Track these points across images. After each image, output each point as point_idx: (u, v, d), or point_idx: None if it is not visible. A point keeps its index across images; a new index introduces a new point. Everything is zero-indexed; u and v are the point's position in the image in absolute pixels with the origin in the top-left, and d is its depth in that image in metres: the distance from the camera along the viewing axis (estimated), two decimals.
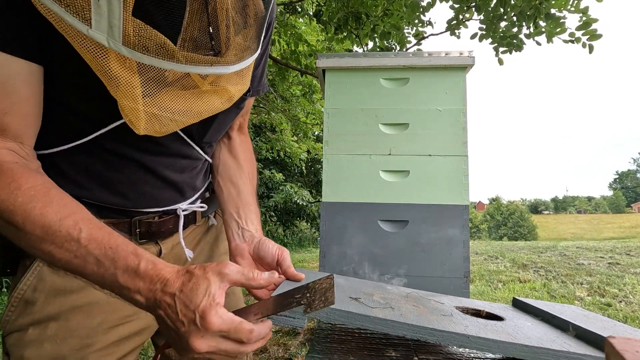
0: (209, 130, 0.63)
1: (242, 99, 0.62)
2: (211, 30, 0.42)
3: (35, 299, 0.54)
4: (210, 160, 0.72)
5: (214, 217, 0.78)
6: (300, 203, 8.97)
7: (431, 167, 1.64)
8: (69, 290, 0.56)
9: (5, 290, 3.27)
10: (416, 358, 0.62)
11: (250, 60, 0.50)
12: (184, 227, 0.67)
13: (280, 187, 9.28)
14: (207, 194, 0.77)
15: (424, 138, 1.66)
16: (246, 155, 0.76)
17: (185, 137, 0.62)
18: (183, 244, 0.66)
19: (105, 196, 0.58)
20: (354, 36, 3.61)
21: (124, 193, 0.59)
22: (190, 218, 0.70)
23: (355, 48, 4.56)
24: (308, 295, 0.49)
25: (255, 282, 0.48)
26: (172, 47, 0.40)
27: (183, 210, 0.66)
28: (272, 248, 0.67)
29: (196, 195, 0.71)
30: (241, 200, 0.70)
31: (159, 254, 0.64)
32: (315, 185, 10.88)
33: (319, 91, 6.38)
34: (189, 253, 0.67)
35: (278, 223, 9.80)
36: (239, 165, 0.74)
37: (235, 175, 0.72)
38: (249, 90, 0.62)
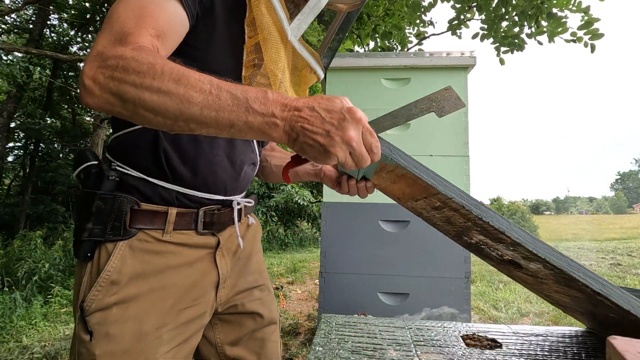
0: None
1: None
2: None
3: (120, 280, 0.60)
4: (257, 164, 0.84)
5: (252, 216, 0.86)
6: (302, 203, 8.97)
7: (432, 167, 1.63)
8: (147, 274, 0.62)
9: (6, 289, 3.34)
10: (417, 357, 0.62)
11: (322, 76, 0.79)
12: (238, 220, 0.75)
13: (281, 187, 9.28)
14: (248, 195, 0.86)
15: (425, 138, 1.66)
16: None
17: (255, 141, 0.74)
18: (238, 232, 0.73)
19: (187, 174, 0.66)
20: (355, 36, 3.61)
21: (202, 172, 0.68)
22: (239, 215, 0.77)
23: (356, 48, 4.55)
24: (434, 104, 0.57)
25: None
26: (315, 54, 0.74)
27: (237, 204, 0.74)
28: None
29: (245, 192, 0.79)
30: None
31: (218, 244, 0.71)
32: (316, 185, 10.87)
33: (320, 91, 6.37)
34: (241, 242, 0.75)
35: (279, 223, 9.80)
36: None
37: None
38: None
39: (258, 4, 0.61)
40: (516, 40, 3.02)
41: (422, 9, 3.36)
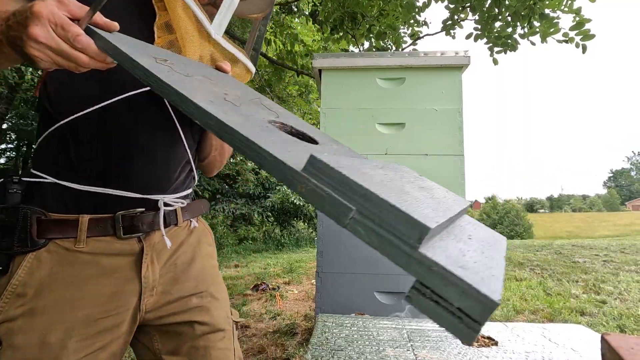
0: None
1: None
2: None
3: (25, 292, 0.60)
4: (193, 164, 0.80)
5: (197, 221, 0.82)
6: (298, 203, 8.96)
7: (428, 166, 1.64)
8: (55, 287, 0.61)
9: None
10: (413, 356, 0.63)
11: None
12: (165, 226, 0.71)
13: (277, 187, 9.28)
14: (189, 200, 0.82)
15: (420, 138, 1.67)
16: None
17: (179, 126, 0.71)
18: (163, 232, 0.70)
19: (101, 167, 0.65)
20: (350, 36, 3.61)
21: (117, 170, 0.66)
22: (172, 218, 0.74)
23: (351, 48, 4.56)
24: None
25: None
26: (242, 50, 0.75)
27: (164, 204, 0.71)
28: None
29: (177, 195, 0.75)
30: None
31: (141, 250, 0.68)
32: None
33: (315, 91, 6.38)
34: (168, 242, 0.71)
35: (275, 223, 9.79)
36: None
37: None
38: None
39: (175, 7, 0.64)
40: (509, 41, 3.05)
41: (417, 9, 3.38)
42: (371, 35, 3.50)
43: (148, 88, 0.64)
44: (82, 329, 0.62)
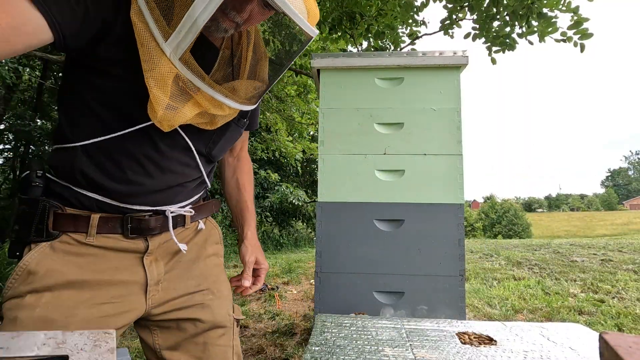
0: (216, 146, 0.78)
1: (242, 123, 0.81)
2: (229, 73, 0.70)
3: (37, 270, 0.63)
4: (207, 180, 0.83)
5: (204, 222, 0.86)
6: (296, 203, 8.96)
7: (426, 166, 1.64)
8: (65, 271, 0.65)
9: None
10: (412, 355, 0.63)
11: (249, 108, 0.71)
12: (174, 228, 0.74)
13: (276, 187, 9.27)
14: (200, 202, 0.85)
15: (419, 137, 1.67)
16: (249, 169, 1.01)
17: (195, 151, 0.74)
18: (175, 239, 0.73)
19: (112, 185, 0.67)
20: (349, 36, 3.61)
21: (125, 188, 0.68)
22: (179, 221, 0.77)
23: (349, 48, 4.56)
24: None
25: None
26: (203, 74, 0.61)
27: (171, 212, 0.74)
28: (243, 252, 0.90)
29: (186, 202, 0.78)
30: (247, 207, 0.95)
31: (146, 249, 0.71)
32: (310, 185, 10.88)
33: (314, 91, 6.38)
34: (182, 247, 0.74)
35: (274, 223, 9.78)
36: (245, 179, 0.98)
37: (243, 185, 0.97)
38: (248, 125, 0.86)
39: (132, 12, 0.57)
40: (507, 40, 3.05)
41: (415, 9, 3.38)
42: (369, 35, 3.50)
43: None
44: (86, 309, 0.64)
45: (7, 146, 9.02)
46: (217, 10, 0.55)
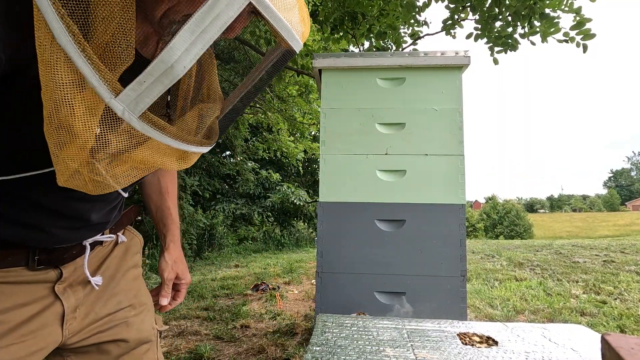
0: (133, 185, 0.66)
1: None
2: (195, 122, 0.50)
3: None
4: (125, 195, 0.72)
5: (123, 234, 0.79)
6: (297, 203, 8.96)
7: (427, 166, 1.64)
8: None
9: None
10: (413, 356, 0.62)
11: (208, 149, 0.54)
12: (91, 249, 0.67)
13: (277, 187, 9.27)
14: (118, 217, 0.77)
15: (420, 137, 1.67)
16: (173, 172, 0.91)
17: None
18: (87, 273, 0.66)
19: (20, 233, 0.57)
20: (350, 36, 3.61)
21: (33, 234, 0.58)
22: (97, 242, 0.70)
23: (351, 48, 4.56)
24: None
25: None
26: (171, 129, 0.44)
27: (89, 244, 0.67)
28: (162, 267, 0.85)
29: (105, 228, 0.71)
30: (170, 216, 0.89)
31: (60, 277, 0.63)
32: (312, 185, 10.88)
33: (315, 91, 6.38)
34: (95, 280, 0.67)
35: (275, 223, 9.79)
36: (168, 182, 0.89)
37: (165, 193, 0.89)
38: None
39: (42, 51, 0.36)
40: (510, 40, 3.04)
41: (417, 9, 3.37)
42: (371, 35, 3.50)
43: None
44: None
45: None
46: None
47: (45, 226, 0.58)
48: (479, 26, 3.11)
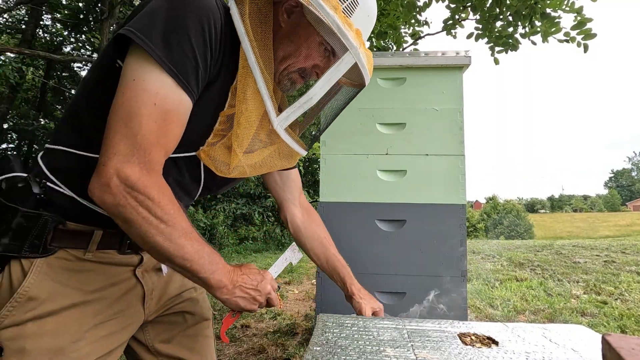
0: (223, 187, 0.83)
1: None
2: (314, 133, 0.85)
3: (38, 296, 0.60)
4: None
5: None
6: None
7: (428, 166, 1.64)
8: (66, 291, 0.62)
9: None
10: (413, 356, 0.62)
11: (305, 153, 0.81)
12: None
13: None
14: None
15: (421, 137, 1.67)
16: (320, 220, 1.07)
17: (202, 185, 0.77)
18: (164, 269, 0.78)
19: None
20: None
21: None
22: None
23: None
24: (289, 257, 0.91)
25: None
26: (298, 139, 0.74)
27: None
28: (358, 308, 0.94)
29: None
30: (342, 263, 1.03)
31: (140, 262, 0.73)
32: (312, 185, 10.87)
33: None
34: (164, 269, 0.78)
35: (276, 223, 9.79)
36: (322, 232, 1.05)
37: (328, 241, 1.05)
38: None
39: (244, 87, 0.64)
40: (510, 40, 3.04)
41: (417, 9, 3.37)
42: (372, 35, 3.49)
43: (193, 154, 0.71)
44: (92, 331, 0.64)
45: (11, 145, 9.07)
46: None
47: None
48: (480, 26, 3.11)
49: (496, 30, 3.07)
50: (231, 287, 0.68)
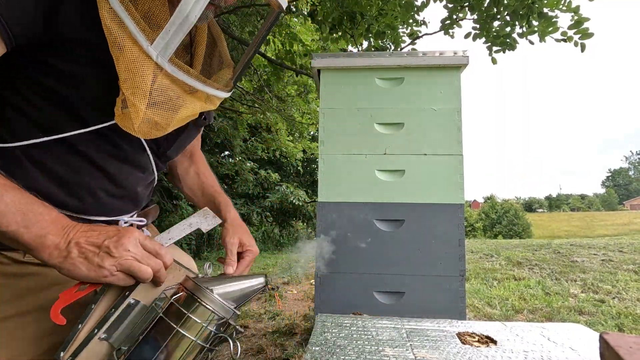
0: (172, 146, 0.73)
1: (201, 122, 0.76)
2: (214, 66, 0.70)
3: None
4: (156, 175, 0.79)
5: (148, 229, 0.81)
6: (296, 203, 8.96)
7: (426, 166, 1.64)
8: (3, 301, 0.57)
9: None
10: (412, 355, 0.63)
11: (228, 95, 0.68)
12: None
13: (276, 187, 9.27)
14: (145, 209, 0.81)
15: (419, 137, 1.67)
16: (205, 162, 0.97)
17: (149, 152, 0.69)
18: None
19: (62, 196, 0.60)
20: (349, 36, 3.61)
21: (81, 197, 0.62)
22: (130, 225, 0.72)
23: (350, 48, 4.56)
24: (197, 222, 0.69)
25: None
26: (193, 72, 0.58)
27: (125, 222, 0.69)
28: (223, 234, 0.80)
29: (137, 210, 0.75)
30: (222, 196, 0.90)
31: None
32: (311, 185, 10.88)
33: (314, 91, 6.38)
34: None
35: (274, 223, 9.78)
36: (202, 168, 0.94)
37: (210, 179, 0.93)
38: (204, 118, 0.77)
39: (102, 13, 0.51)
40: (508, 40, 3.05)
41: (415, 9, 3.37)
42: (370, 34, 3.50)
43: (114, 122, 0.58)
44: (31, 346, 0.57)
45: None
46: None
47: (96, 190, 0.63)
48: (478, 26, 3.11)
49: (494, 30, 3.08)
50: (64, 246, 0.49)
